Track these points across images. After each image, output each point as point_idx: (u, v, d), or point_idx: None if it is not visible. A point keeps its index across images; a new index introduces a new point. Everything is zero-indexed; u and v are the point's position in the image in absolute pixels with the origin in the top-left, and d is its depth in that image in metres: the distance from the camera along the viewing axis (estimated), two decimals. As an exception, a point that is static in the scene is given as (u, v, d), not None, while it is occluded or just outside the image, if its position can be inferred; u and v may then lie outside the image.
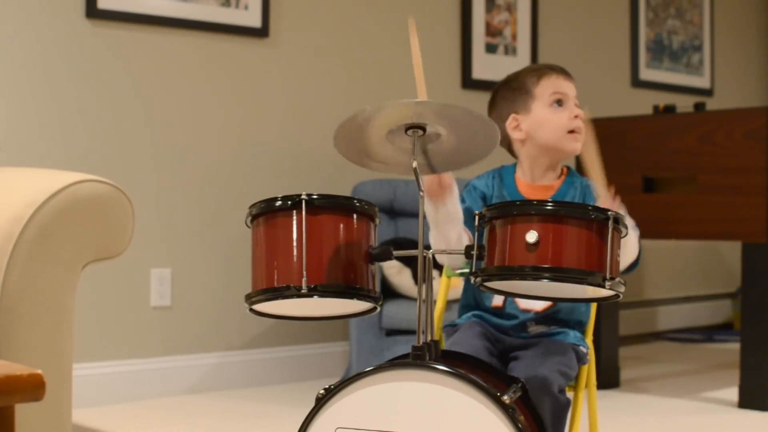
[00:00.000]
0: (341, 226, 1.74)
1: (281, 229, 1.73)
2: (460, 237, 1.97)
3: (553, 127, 2.15)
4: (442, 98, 4.66)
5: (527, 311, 2.13)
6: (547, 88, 2.17)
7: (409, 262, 3.64)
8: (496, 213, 1.71)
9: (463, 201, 2.12)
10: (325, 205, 1.74)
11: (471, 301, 2.21)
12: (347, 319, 3.61)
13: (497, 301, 2.15)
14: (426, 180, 1.86)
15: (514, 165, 2.24)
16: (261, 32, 3.87)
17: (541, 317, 2.13)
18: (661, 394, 3.80)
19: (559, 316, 2.14)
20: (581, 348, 2.11)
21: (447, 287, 2.27)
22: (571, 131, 2.15)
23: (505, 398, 1.62)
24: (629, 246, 1.93)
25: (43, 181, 2.00)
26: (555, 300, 1.89)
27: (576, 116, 2.15)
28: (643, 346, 5.16)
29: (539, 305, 2.12)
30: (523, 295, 1.82)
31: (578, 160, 3.97)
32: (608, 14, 5.26)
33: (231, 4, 3.79)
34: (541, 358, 2.00)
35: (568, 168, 2.25)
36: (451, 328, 2.19)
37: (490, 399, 1.61)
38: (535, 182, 2.20)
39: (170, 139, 3.68)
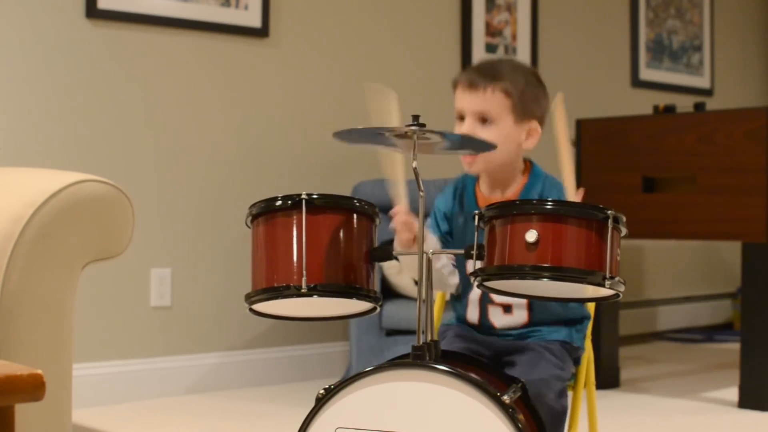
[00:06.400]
0: (341, 225, 1.74)
1: (281, 228, 1.73)
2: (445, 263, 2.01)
3: None
4: (441, 98, 4.63)
5: (504, 329, 2.06)
6: (455, 100, 2.07)
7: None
8: (496, 212, 1.71)
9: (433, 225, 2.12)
10: (326, 205, 1.73)
11: (453, 313, 2.17)
12: (347, 319, 3.61)
13: (472, 317, 2.09)
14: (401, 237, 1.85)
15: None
16: (261, 32, 3.87)
17: (524, 332, 2.06)
18: (661, 394, 3.80)
19: (548, 318, 2.08)
20: (572, 344, 2.05)
21: (447, 287, 2.27)
22: None
23: (505, 398, 1.62)
24: None
25: (43, 181, 2.00)
26: (554, 300, 1.88)
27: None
28: (643, 346, 5.16)
29: (517, 323, 2.05)
30: (523, 295, 1.81)
31: (579, 154, 3.98)
32: (608, 14, 5.26)
33: (231, 4, 3.79)
34: (533, 365, 1.94)
35: (531, 170, 2.10)
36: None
37: (490, 399, 1.61)
38: (491, 194, 2.09)
39: (170, 139, 3.68)
